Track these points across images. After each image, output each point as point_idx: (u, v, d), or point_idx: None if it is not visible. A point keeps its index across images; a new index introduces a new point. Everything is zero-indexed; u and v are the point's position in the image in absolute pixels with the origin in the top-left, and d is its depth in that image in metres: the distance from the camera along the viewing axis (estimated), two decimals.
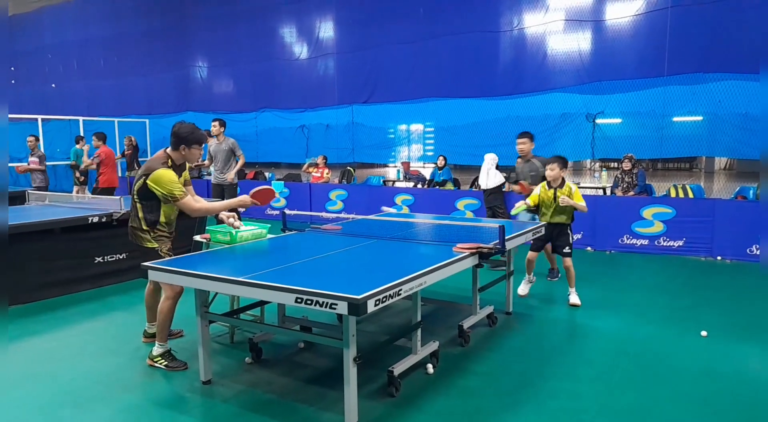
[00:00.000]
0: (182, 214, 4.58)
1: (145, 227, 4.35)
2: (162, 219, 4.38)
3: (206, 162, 8.98)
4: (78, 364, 4.42)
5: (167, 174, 4.21)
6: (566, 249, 5.91)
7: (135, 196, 4.35)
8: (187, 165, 4.58)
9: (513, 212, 6.41)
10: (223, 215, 4.63)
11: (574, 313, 5.65)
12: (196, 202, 4.40)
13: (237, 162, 8.70)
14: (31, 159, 11.10)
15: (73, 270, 6.45)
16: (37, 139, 11.52)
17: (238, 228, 4.59)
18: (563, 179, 5.95)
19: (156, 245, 4.38)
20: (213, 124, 8.60)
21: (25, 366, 4.40)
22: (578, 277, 6.02)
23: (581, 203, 5.84)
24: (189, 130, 4.30)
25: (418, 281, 3.42)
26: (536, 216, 6.30)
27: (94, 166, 10.77)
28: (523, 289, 6.26)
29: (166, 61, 16.55)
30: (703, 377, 4.08)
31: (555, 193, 5.86)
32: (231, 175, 8.64)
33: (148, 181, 4.21)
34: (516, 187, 6.83)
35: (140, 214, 4.34)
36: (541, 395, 3.81)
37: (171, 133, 4.32)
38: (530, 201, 6.07)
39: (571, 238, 5.99)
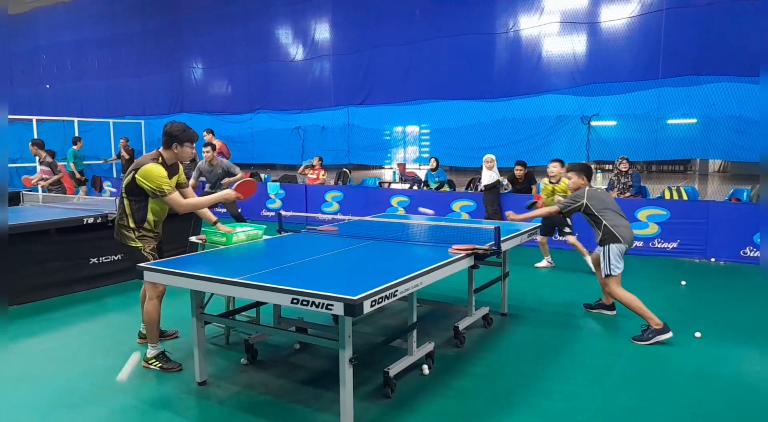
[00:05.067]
0: (175, 216, 4.57)
1: (131, 225, 4.31)
2: (150, 217, 4.34)
3: (192, 181, 7.64)
4: (73, 365, 4.40)
5: (156, 169, 4.19)
6: (565, 229, 7.29)
7: (123, 192, 4.30)
8: (181, 167, 4.55)
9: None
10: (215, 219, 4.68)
11: (570, 315, 5.66)
12: (184, 198, 4.39)
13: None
14: (41, 168, 9.45)
15: (68, 271, 6.42)
16: (35, 144, 9.40)
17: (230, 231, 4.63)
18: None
19: (140, 244, 4.33)
20: (205, 149, 7.82)
21: (20, 368, 4.39)
22: (573, 281, 6.00)
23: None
24: (181, 128, 4.32)
25: (414, 282, 3.43)
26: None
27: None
28: (542, 263, 7.68)
29: (161, 62, 16.49)
30: (697, 378, 4.10)
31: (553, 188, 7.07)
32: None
33: (137, 176, 4.19)
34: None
35: (128, 211, 4.31)
36: (537, 396, 3.82)
37: (163, 132, 4.34)
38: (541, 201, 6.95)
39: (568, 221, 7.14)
